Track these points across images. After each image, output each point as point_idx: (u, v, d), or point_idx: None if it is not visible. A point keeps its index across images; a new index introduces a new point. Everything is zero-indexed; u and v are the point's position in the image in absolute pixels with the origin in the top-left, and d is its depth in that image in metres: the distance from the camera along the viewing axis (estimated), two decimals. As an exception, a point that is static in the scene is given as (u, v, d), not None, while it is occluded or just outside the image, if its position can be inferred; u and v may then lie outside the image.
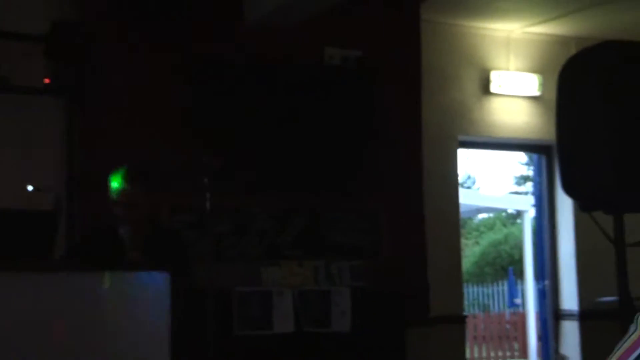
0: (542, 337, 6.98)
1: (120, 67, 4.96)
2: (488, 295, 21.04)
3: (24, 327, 2.94)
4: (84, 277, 3.09)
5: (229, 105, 5.12)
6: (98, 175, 4.27)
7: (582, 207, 4.51)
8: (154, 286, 3.15)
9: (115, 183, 3.93)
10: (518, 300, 18.26)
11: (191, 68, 5.08)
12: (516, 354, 15.90)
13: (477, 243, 25.50)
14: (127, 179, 3.92)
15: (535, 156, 7.02)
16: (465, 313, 6.41)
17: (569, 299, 6.51)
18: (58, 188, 3.91)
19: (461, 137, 6.25)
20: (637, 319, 1.40)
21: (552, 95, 4.57)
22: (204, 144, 4.85)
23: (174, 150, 4.94)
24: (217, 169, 4.03)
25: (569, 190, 4.46)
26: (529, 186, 28.00)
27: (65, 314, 2.99)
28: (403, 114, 5.71)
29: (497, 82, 6.28)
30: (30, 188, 3.62)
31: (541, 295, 6.87)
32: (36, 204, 3.32)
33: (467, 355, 11.38)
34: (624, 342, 1.43)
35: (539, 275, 6.96)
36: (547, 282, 6.70)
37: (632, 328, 1.44)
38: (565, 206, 6.52)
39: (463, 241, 7.56)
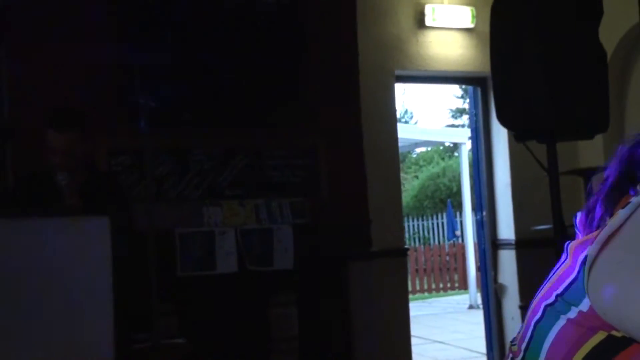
0: (481, 267, 7.14)
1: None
2: (428, 228, 21.42)
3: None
4: (21, 224, 3.04)
5: (163, 41, 5.03)
6: (29, 122, 4.18)
7: (517, 137, 4.60)
8: (93, 231, 3.11)
9: (48, 128, 3.84)
10: (457, 232, 18.65)
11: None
12: (456, 285, 16.30)
13: (416, 177, 25.84)
14: (61, 123, 3.84)
15: (470, 88, 7.08)
16: (406, 246, 6.51)
17: (506, 228, 6.67)
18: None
19: (398, 72, 6.27)
20: (568, 247, 1.44)
21: (486, 27, 4.61)
22: (140, 84, 4.77)
23: (109, 91, 4.85)
24: (153, 109, 3.98)
25: (503, 120, 4.54)
26: (465, 119, 28.36)
27: (3, 262, 2.95)
28: (339, 49, 5.71)
29: (431, 15, 6.30)
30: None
31: (479, 226, 7.01)
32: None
33: (409, 287, 11.64)
34: (556, 270, 1.47)
35: (476, 207, 7.09)
36: (484, 213, 6.83)
37: (563, 256, 1.48)
38: (500, 137, 6.63)
39: (402, 175, 7.61)
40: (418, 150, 26.70)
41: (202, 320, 4.93)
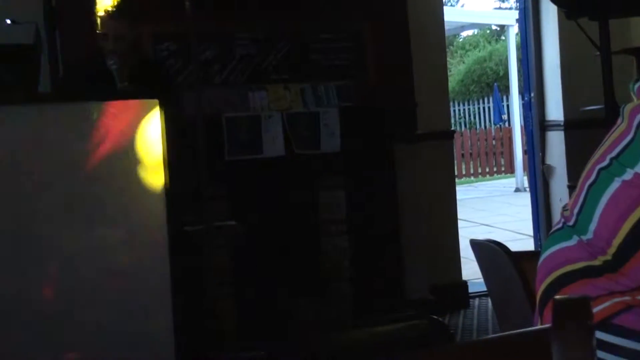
0: (528, 150, 7.10)
1: None
2: (474, 112, 21.26)
3: (17, 160, 2.98)
4: (77, 108, 3.09)
5: None
6: (78, 7, 4.18)
7: (568, 15, 4.49)
8: (145, 114, 3.15)
9: (98, 15, 3.85)
10: (504, 116, 18.48)
11: None
12: (503, 169, 16.27)
13: (463, 62, 25.46)
14: (109, 9, 3.84)
15: (519, -33, 6.89)
16: (452, 129, 6.48)
17: (555, 109, 6.58)
18: (37, 21, 3.81)
19: (444, -49, 6.10)
20: (623, 110, 1.42)
21: None
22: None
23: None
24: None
25: (554, -2, 4.42)
26: (512, 2, 27.65)
27: (60, 144, 3.02)
28: None
29: None
30: (8, 22, 3.54)
31: (527, 108, 6.93)
32: (15, 38, 3.26)
33: (455, 171, 11.64)
34: (611, 134, 1.46)
35: (524, 89, 6.99)
36: (532, 95, 6.74)
37: (618, 120, 1.47)
38: (550, 16, 6.46)
39: (448, 60, 7.49)
40: (464, 34, 26.21)
41: (251, 204, 5.01)
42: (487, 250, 2.16)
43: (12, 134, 2.96)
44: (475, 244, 2.32)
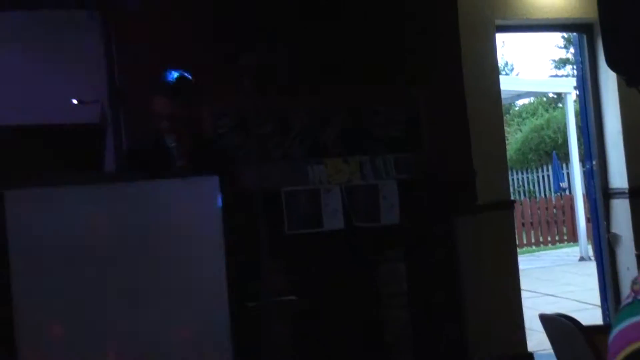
0: (592, 218, 6.97)
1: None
2: (533, 181, 21.02)
3: (81, 238, 3.01)
4: (135, 187, 3.13)
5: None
6: (138, 87, 4.26)
7: (629, 82, 4.42)
8: (204, 191, 3.18)
9: (155, 95, 3.92)
10: (564, 184, 18.23)
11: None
12: (565, 237, 15.98)
13: (519, 130, 25.32)
14: (167, 91, 3.91)
15: (575, 36, 6.87)
16: (511, 199, 6.40)
17: (618, 177, 6.47)
18: (102, 101, 3.92)
19: (498, 21, 6.12)
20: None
21: (591, -31, 4.44)
22: (239, 44, 4.80)
23: (211, 53, 4.90)
24: (256, 69, 4.00)
25: (614, 65, 4.37)
26: (568, 69, 27.57)
27: (122, 222, 3.05)
28: (438, 0, 5.61)
29: (533, -39, 6.11)
30: (75, 102, 3.64)
31: (589, 175, 6.82)
32: (82, 118, 3.35)
33: (517, 241, 11.49)
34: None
35: (585, 156, 6.89)
36: (594, 162, 6.64)
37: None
38: (609, 84, 6.41)
39: (505, 128, 7.46)
40: (520, 102, 26.14)
41: (310, 278, 4.98)
42: (557, 325, 2.10)
43: (78, 214, 3.00)
44: (545, 319, 2.26)
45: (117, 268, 3.03)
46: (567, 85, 14.32)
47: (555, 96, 24.00)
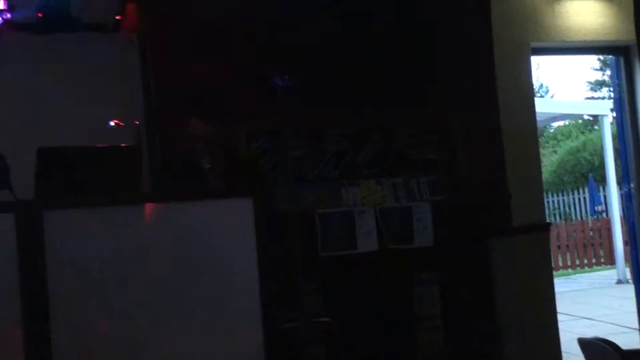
0: (630, 241, 6.88)
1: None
2: (569, 203, 20.80)
3: (118, 258, 3.04)
4: (172, 207, 3.16)
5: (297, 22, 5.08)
6: (176, 108, 4.31)
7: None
8: (238, 212, 3.21)
9: (190, 117, 3.97)
10: (600, 207, 18.01)
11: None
12: (602, 260, 15.77)
13: (555, 152, 25.12)
14: (201, 114, 3.96)
15: (611, 58, 6.83)
16: (547, 221, 6.35)
17: (656, 199, 6.39)
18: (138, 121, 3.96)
19: (534, 44, 6.10)
20: None
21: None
22: (276, 65, 4.82)
23: (247, 75, 4.93)
24: (290, 90, 4.00)
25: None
26: (605, 92, 27.33)
27: (158, 243, 3.08)
28: (472, 24, 5.61)
29: (568, -16, 6.10)
30: (111, 123, 3.69)
31: (627, 198, 6.75)
32: (118, 140, 3.39)
33: (553, 264, 11.35)
34: None
35: (623, 179, 6.82)
36: (632, 185, 6.57)
37: None
38: (646, 105, 6.36)
39: (540, 150, 7.36)
40: (555, 124, 25.93)
41: (345, 300, 4.97)
42: (596, 349, 2.08)
43: (116, 235, 3.03)
44: (583, 343, 2.23)
45: (151, 288, 3.05)
46: (603, 107, 14.20)
47: (591, 118, 23.79)
